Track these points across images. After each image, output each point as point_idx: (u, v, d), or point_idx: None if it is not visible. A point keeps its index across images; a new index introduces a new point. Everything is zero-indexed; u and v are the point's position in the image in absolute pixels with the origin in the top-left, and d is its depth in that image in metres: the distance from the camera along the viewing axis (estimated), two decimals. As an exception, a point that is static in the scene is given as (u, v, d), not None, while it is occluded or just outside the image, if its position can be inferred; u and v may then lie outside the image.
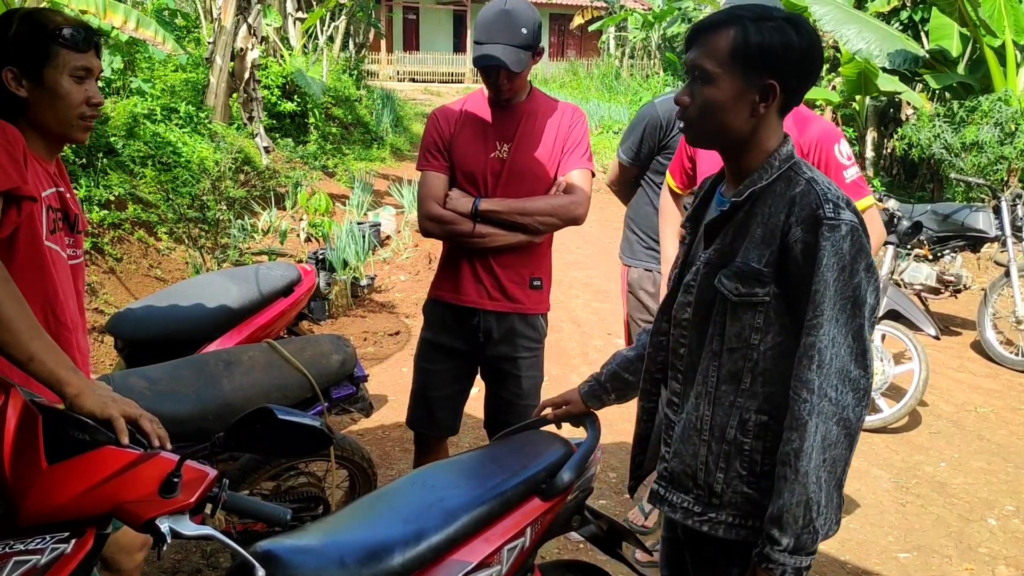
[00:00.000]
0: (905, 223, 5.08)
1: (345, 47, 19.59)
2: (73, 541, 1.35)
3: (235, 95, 10.44)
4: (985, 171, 8.49)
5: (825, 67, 13.19)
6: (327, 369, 2.76)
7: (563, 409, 2.09)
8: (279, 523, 1.52)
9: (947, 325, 6.49)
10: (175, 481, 1.38)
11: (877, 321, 4.52)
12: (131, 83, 8.68)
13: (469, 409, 2.89)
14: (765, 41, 1.51)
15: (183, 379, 2.51)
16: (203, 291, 3.40)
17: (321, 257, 6.35)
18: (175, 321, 3.24)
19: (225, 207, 6.96)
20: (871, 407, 4.56)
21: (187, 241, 6.58)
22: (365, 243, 7.44)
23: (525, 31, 2.46)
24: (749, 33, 1.51)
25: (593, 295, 7.17)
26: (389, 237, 8.68)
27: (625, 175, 3.43)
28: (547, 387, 4.39)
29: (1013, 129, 8.53)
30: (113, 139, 7.08)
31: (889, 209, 5.36)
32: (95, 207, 6.21)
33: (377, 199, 10.46)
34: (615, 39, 27.46)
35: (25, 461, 1.39)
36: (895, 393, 4.61)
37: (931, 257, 6.01)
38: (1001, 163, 8.47)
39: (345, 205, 9.34)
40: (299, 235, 8.15)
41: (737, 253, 1.58)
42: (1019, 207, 5.92)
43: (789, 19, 1.54)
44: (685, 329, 1.69)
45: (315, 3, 16.27)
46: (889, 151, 11.64)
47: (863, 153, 11.83)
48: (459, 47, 32.21)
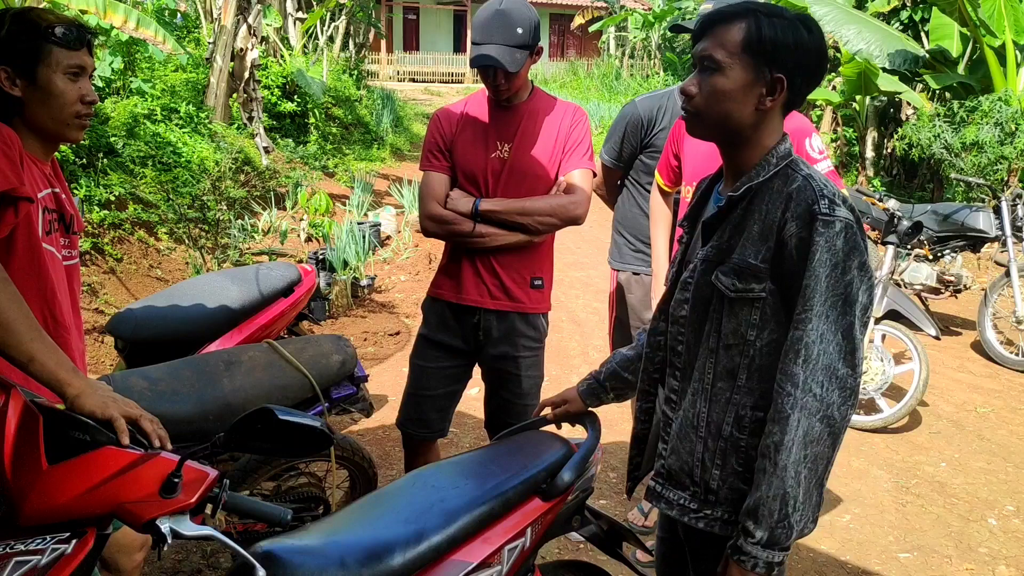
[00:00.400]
0: (905, 223, 5.08)
1: (345, 47, 19.59)
2: (74, 541, 1.35)
3: (235, 95, 10.44)
4: (985, 171, 8.49)
5: (825, 67, 13.21)
6: (327, 369, 2.76)
7: (562, 408, 2.09)
8: (279, 523, 1.52)
9: (947, 325, 6.49)
10: (175, 481, 1.38)
11: (872, 320, 4.56)
12: (131, 83, 8.69)
13: (470, 409, 2.89)
14: (777, 36, 1.52)
15: (183, 379, 2.51)
16: (203, 291, 3.40)
17: (321, 257, 6.37)
18: (175, 321, 3.24)
19: (225, 207, 6.96)
20: (871, 407, 4.56)
21: (187, 241, 6.58)
22: (365, 243, 7.44)
23: (521, 31, 2.45)
24: (762, 26, 1.52)
25: (593, 295, 7.17)
26: (389, 237, 8.69)
27: (610, 177, 3.39)
28: (547, 387, 4.39)
29: (1013, 129, 8.53)
30: (113, 139, 7.09)
31: (889, 209, 5.36)
32: (95, 207, 6.21)
33: (377, 199, 10.47)
34: (615, 39, 27.48)
35: (26, 461, 1.39)
36: (895, 393, 4.61)
37: (931, 257, 6.01)
38: (1001, 163, 8.47)
39: (345, 205, 9.34)
40: (299, 235, 8.16)
41: (734, 249, 1.59)
42: (1019, 207, 5.92)
43: (802, 18, 1.56)
44: (683, 326, 1.70)
45: (315, 3, 16.26)
46: (889, 151, 11.64)
47: (863, 153, 11.84)
48: (459, 47, 32.21)
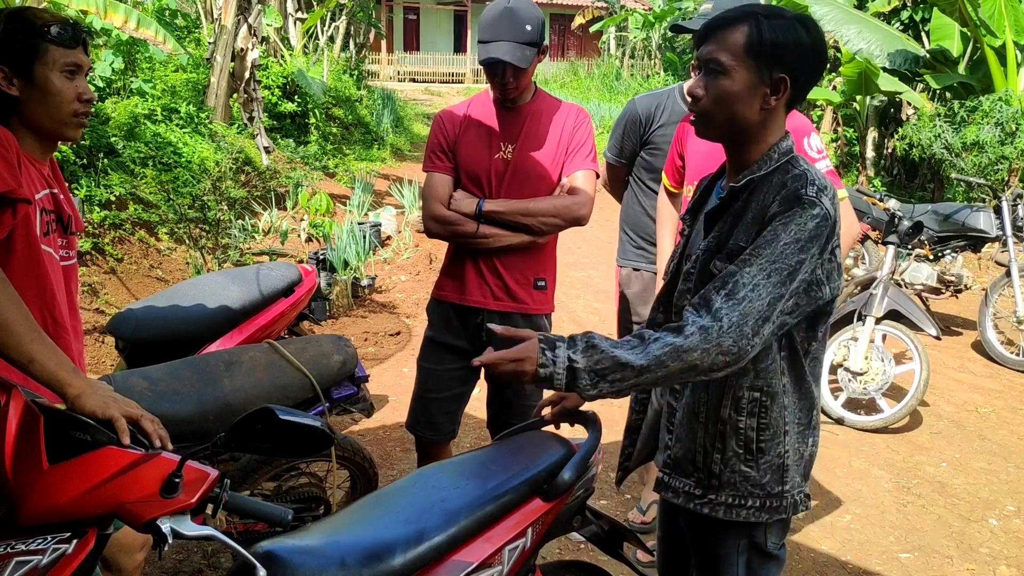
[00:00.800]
0: (906, 223, 5.08)
1: (345, 47, 19.58)
2: (74, 541, 1.35)
3: (235, 95, 10.43)
4: (986, 171, 8.49)
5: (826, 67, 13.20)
6: (328, 369, 2.76)
7: (560, 405, 2.08)
8: (280, 523, 1.52)
9: (948, 325, 6.49)
10: (176, 481, 1.38)
11: (873, 320, 4.55)
12: (132, 83, 8.69)
13: (471, 409, 2.89)
14: (778, 38, 1.58)
15: (184, 379, 2.51)
16: (204, 291, 3.40)
17: (322, 257, 6.37)
18: (176, 321, 3.24)
19: (226, 207, 6.96)
20: (872, 407, 4.56)
21: (188, 241, 6.57)
22: (366, 243, 7.45)
23: (529, 28, 2.47)
24: (763, 29, 1.58)
25: (594, 295, 7.17)
26: (390, 237, 8.69)
27: (615, 174, 3.48)
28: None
29: (1014, 129, 8.52)
30: (114, 139, 7.08)
31: (890, 209, 5.36)
32: (96, 207, 6.21)
33: (378, 199, 10.47)
34: (616, 39, 27.47)
35: (27, 461, 1.39)
36: (896, 393, 4.61)
37: (932, 257, 6.01)
38: (1002, 163, 8.47)
39: (346, 205, 9.34)
40: (300, 235, 8.16)
41: (731, 238, 1.65)
42: (1020, 207, 5.91)
43: (799, 18, 1.62)
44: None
45: (315, 3, 16.26)
46: (890, 151, 11.63)
47: (863, 153, 11.83)
48: (459, 47, 32.23)
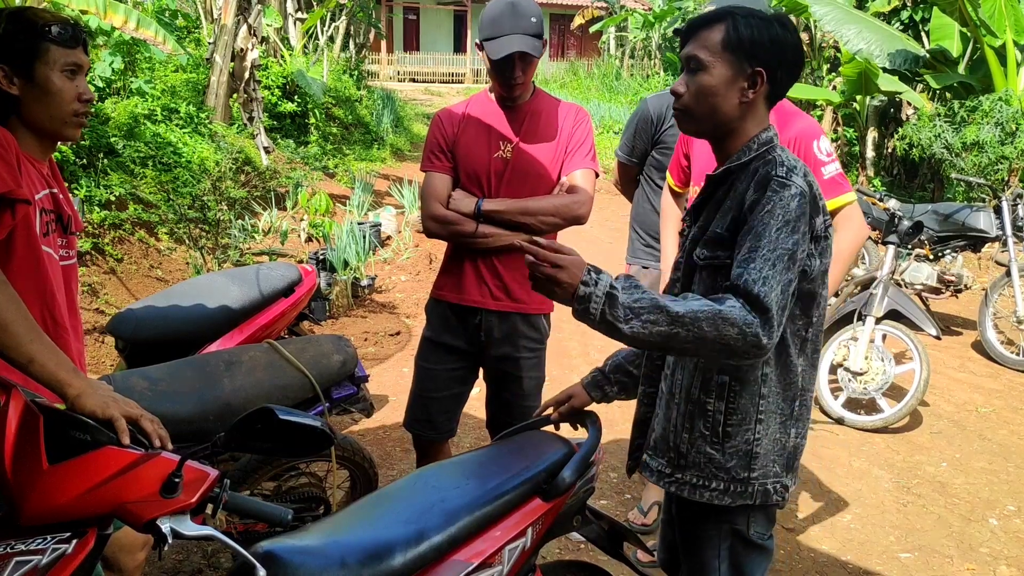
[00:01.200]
0: (906, 223, 5.08)
1: (345, 47, 19.58)
2: (74, 541, 1.35)
3: (235, 95, 10.43)
4: (986, 171, 8.49)
5: (826, 67, 13.21)
6: (328, 369, 2.76)
7: (567, 404, 2.09)
8: (280, 523, 1.52)
9: (948, 325, 6.49)
10: (176, 481, 1.38)
11: (873, 320, 4.56)
12: (131, 83, 8.68)
13: (471, 409, 2.89)
14: (754, 34, 1.67)
15: (184, 379, 2.51)
16: (204, 291, 3.40)
17: (322, 257, 6.36)
18: (176, 321, 3.24)
19: (226, 207, 6.95)
20: (872, 407, 4.56)
21: (188, 241, 6.57)
22: (366, 243, 7.44)
23: (534, 20, 2.50)
24: (740, 26, 1.67)
25: (594, 295, 7.16)
26: (390, 237, 8.68)
27: (626, 173, 3.51)
28: (548, 387, 4.36)
29: (1014, 129, 8.52)
30: (113, 139, 7.08)
31: (890, 209, 5.36)
32: (96, 207, 6.21)
33: (377, 199, 10.46)
34: (615, 39, 27.47)
35: (26, 461, 1.39)
36: (896, 393, 4.61)
37: (932, 257, 6.01)
38: (1002, 163, 8.47)
39: (346, 205, 9.34)
40: (300, 235, 8.16)
41: (711, 225, 1.72)
42: (1020, 207, 5.91)
43: (776, 17, 1.71)
44: None
45: (315, 3, 16.26)
46: (890, 151, 11.64)
47: (863, 153, 11.83)
48: (459, 47, 32.21)
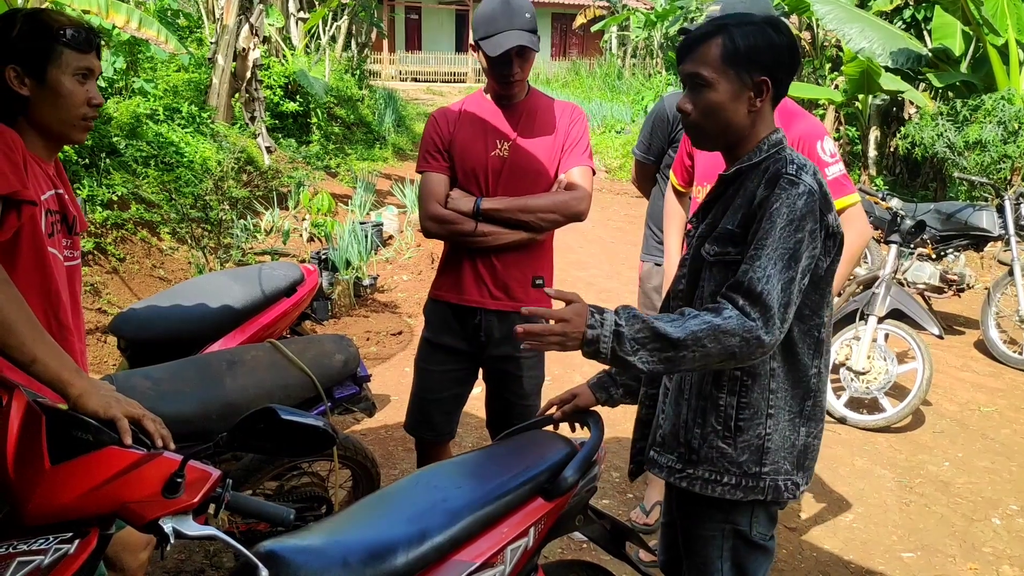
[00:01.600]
0: (908, 222, 5.07)
1: (347, 47, 19.57)
2: (77, 541, 1.35)
3: (237, 95, 10.44)
4: (988, 170, 8.47)
5: (828, 66, 13.20)
6: (330, 369, 2.76)
7: (571, 403, 2.09)
8: (282, 523, 1.52)
9: (950, 324, 6.48)
10: (178, 481, 1.38)
11: (875, 319, 4.55)
12: (134, 83, 8.69)
13: (472, 409, 2.89)
14: (752, 43, 1.66)
15: (186, 379, 2.51)
16: (206, 291, 3.40)
17: (324, 257, 6.37)
18: (178, 321, 3.24)
19: (228, 207, 6.96)
20: (875, 406, 4.56)
21: (190, 241, 6.58)
22: (368, 243, 7.44)
23: (528, 15, 2.51)
24: (736, 38, 1.66)
25: (596, 294, 7.15)
26: (392, 237, 8.68)
27: (643, 171, 3.50)
28: (549, 387, 4.36)
29: (1016, 128, 8.50)
30: (116, 139, 7.09)
31: (892, 208, 5.36)
32: (98, 207, 6.21)
33: (379, 199, 10.46)
34: (617, 38, 27.45)
35: (29, 461, 1.39)
36: (899, 392, 4.60)
37: (934, 256, 6.00)
38: (1004, 162, 8.45)
39: (347, 205, 9.34)
40: (302, 235, 8.16)
41: (720, 222, 1.73)
42: (1022, 206, 5.90)
43: (768, 21, 1.71)
44: (680, 300, 1.83)
45: (317, 3, 16.27)
46: (892, 150, 11.62)
47: (866, 152, 11.82)
48: (461, 47, 32.20)
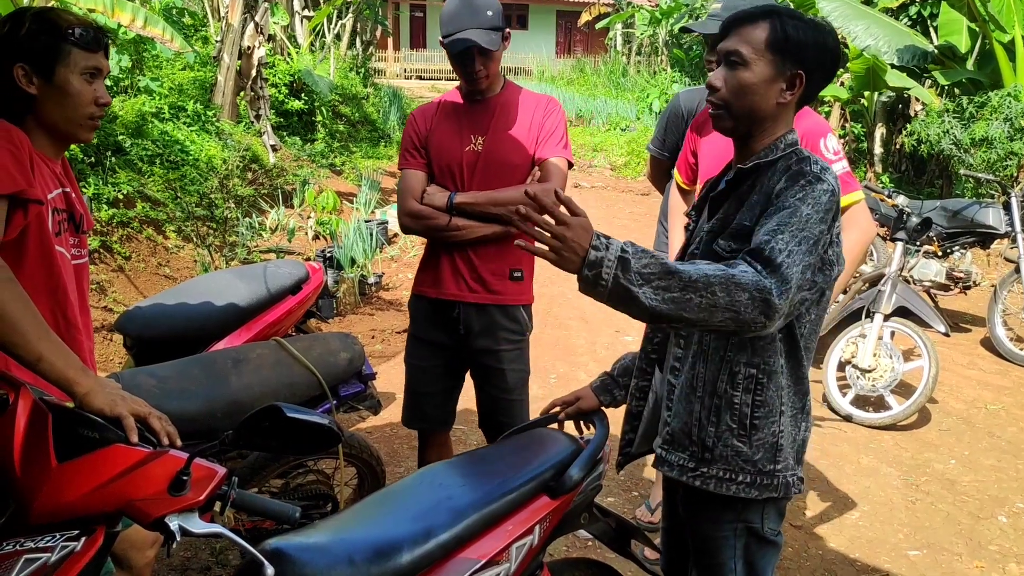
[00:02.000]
0: (914, 219, 5.06)
1: (352, 45, 19.56)
2: (83, 539, 1.36)
3: (242, 93, 10.44)
4: (995, 167, 8.44)
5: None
6: (335, 367, 2.77)
7: (575, 406, 2.09)
8: (288, 521, 1.52)
9: (957, 322, 6.46)
10: (184, 479, 1.38)
11: (881, 317, 4.54)
12: (139, 82, 8.70)
13: (476, 406, 2.88)
14: (800, 36, 1.67)
15: (192, 377, 2.52)
16: (211, 289, 3.40)
17: (329, 255, 6.36)
18: (184, 319, 3.25)
19: (233, 205, 6.97)
20: (881, 404, 4.55)
21: (195, 239, 6.59)
22: (373, 241, 7.45)
23: (491, 13, 2.50)
24: (786, 27, 1.67)
25: (601, 292, 7.14)
26: (397, 235, 8.68)
27: (658, 166, 3.47)
28: (554, 385, 4.37)
29: (1023, 125, 8.47)
30: (121, 137, 7.09)
31: (898, 205, 5.34)
32: (103, 205, 6.22)
33: (384, 197, 10.46)
34: (622, 36, 27.40)
35: (35, 459, 1.39)
36: (905, 390, 4.59)
37: (940, 253, 5.98)
38: (1011, 159, 8.42)
39: (352, 203, 9.34)
40: (307, 233, 8.17)
41: (735, 219, 1.71)
42: (1029, 203, 5.88)
43: (818, 21, 1.73)
44: None
45: (322, 1, 16.27)
46: (898, 147, 11.58)
47: (871, 149, 11.78)
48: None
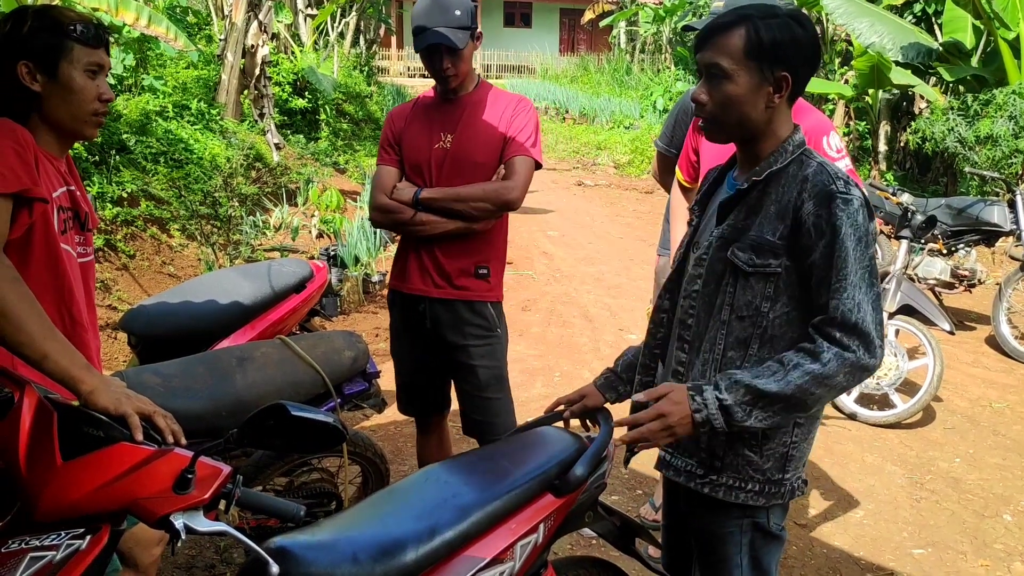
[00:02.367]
0: (919, 217, 5.04)
1: (356, 43, 19.57)
2: (88, 537, 1.36)
3: (246, 92, 10.45)
4: (999, 165, 8.41)
5: (838, 60, 13.12)
6: (339, 365, 2.77)
7: (579, 404, 2.09)
8: (292, 519, 1.52)
9: (961, 320, 6.44)
10: (189, 477, 1.38)
11: (886, 315, 4.53)
12: (143, 80, 8.71)
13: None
14: (776, 37, 1.63)
15: (196, 375, 2.52)
16: (215, 288, 3.41)
17: (333, 253, 6.34)
18: (188, 318, 3.25)
19: (237, 204, 6.98)
20: (885, 402, 4.54)
21: (199, 238, 6.60)
22: (376, 239, 7.45)
23: (459, 12, 2.54)
24: (760, 30, 1.63)
25: (605, 290, 7.14)
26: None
27: (664, 163, 3.41)
28: (559, 383, 4.37)
29: (1028, 122, 8.45)
30: (125, 136, 7.10)
31: (903, 203, 5.33)
32: (108, 204, 6.23)
33: (388, 195, 10.46)
34: (626, 34, 27.36)
35: (40, 457, 1.40)
36: (909, 388, 4.58)
37: (945, 251, 5.96)
38: (1015, 156, 8.39)
39: (356, 201, 9.34)
40: (311, 231, 8.18)
41: (750, 228, 1.69)
42: (1034, 201, 5.86)
43: (792, 15, 1.68)
44: (694, 300, 1.79)
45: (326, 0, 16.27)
46: (902, 145, 11.55)
47: (876, 147, 11.75)
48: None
